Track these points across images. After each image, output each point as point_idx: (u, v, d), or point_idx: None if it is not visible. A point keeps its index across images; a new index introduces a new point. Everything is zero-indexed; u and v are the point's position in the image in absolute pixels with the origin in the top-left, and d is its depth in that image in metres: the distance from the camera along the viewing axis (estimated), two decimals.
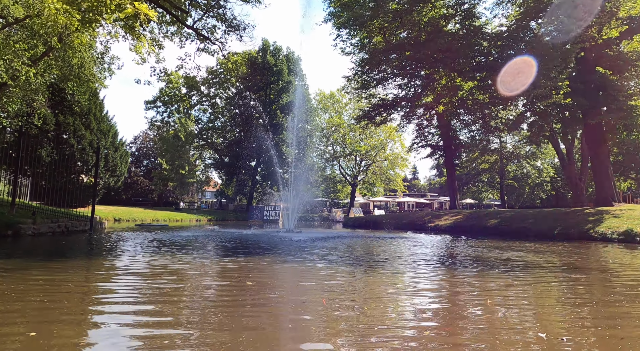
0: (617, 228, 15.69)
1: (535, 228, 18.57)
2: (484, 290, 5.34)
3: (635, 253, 10.72)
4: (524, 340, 3.20)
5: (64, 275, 5.88)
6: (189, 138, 43.36)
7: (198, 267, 6.92)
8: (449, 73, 24.47)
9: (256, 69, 42.46)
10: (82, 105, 25.78)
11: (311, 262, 7.88)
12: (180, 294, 4.74)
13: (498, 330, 3.51)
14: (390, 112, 30.63)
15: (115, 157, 29.62)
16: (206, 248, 10.33)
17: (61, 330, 3.24)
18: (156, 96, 47.31)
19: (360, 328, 3.46)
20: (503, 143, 45.87)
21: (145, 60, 15.51)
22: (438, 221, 24.81)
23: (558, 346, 3.04)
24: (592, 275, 6.86)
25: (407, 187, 66.91)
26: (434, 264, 7.96)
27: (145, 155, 52.68)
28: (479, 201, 58.05)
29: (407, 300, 4.77)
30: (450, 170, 34.15)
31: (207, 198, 61.94)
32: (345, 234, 18.40)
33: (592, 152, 22.45)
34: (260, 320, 3.63)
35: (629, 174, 40.33)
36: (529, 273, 6.84)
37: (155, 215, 30.25)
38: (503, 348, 3.02)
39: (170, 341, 2.97)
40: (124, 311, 3.81)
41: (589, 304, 4.59)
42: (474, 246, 12.31)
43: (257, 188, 45.62)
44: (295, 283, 5.83)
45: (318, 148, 52.17)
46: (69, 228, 14.29)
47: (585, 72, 21.55)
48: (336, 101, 52.71)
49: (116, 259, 7.69)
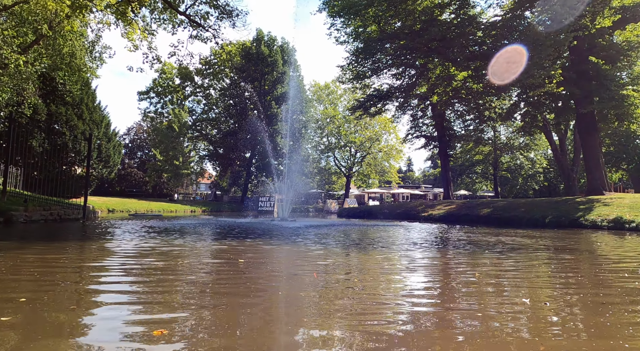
0: (607, 216, 15.91)
1: (527, 217, 18.78)
2: (474, 267, 5.43)
3: (623, 238, 10.91)
4: (510, 305, 3.29)
5: (56, 255, 5.89)
6: (182, 129, 43.14)
7: (193, 249, 6.96)
8: (443, 62, 24.49)
9: (250, 60, 42.18)
10: (74, 95, 25.51)
11: (305, 245, 7.94)
12: (175, 273, 4.78)
13: (485, 296, 3.59)
14: (384, 102, 30.65)
15: (108, 148, 29.41)
16: (201, 233, 10.37)
17: (54, 298, 3.27)
18: (149, 87, 46.92)
19: (351, 296, 3.53)
20: (497, 134, 46.10)
21: (137, 47, 15.34)
22: (432, 210, 25.00)
23: (540, 310, 3.12)
24: (580, 255, 6.99)
25: (401, 178, 67.20)
26: (427, 246, 8.06)
27: (138, 147, 52.37)
28: (472, 192, 58.47)
29: (398, 272, 4.85)
30: (444, 161, 34.31)
31: (201, 190, 61.84)
32: (340, 223, 18.50)
33: (584, 141, 22.64)
34: (254, 299, 3.68)
35: (620, 165, 40.77)
36: (518, 253, 6.96)
37: (149, 206, 30.18)
38: (489, 310, 3.10)
39: (161, 319, 3.02)
40: (119, 290, 3.85)
41: (574, 277, 4.70)
42: (467, 232, 12.45)
43: (252, 179, 45.57)
44: (288, 262, 5.89)
45: (313, 139, 52.13)
46: (62, 216, 14.24)
47: (578, 61, 21.65)
48: (331, 92, 52.59)
49: (110, 242, 7.70)
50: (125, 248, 6.75)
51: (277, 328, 2.64)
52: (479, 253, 6.97)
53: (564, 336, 2.52)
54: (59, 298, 3.27)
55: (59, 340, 2.28)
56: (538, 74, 18.37)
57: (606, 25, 19.17)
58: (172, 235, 9.36)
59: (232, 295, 3.52)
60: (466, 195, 54.98)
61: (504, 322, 2.80)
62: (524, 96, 23.81)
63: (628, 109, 21.24)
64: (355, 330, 2.59)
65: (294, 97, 42.18)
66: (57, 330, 2.45)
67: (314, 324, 2.70)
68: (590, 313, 3.08)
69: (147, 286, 3.85)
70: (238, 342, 2.30)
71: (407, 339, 2.42)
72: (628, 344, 2.36)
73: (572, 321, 2.90)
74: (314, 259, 5.97)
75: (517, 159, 49.10)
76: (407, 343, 2.35)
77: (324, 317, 2.86)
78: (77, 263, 5.30)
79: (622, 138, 37.46)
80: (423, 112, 35.22)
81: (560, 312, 3.10)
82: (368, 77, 28.34)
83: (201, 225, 13.99)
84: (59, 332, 2.42)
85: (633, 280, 4.48)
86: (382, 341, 2.39)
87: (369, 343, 2.33)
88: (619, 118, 22.79)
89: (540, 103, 23.38)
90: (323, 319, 2.82)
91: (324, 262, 5.71)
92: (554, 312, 3.08)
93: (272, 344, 2.32)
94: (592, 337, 2.51)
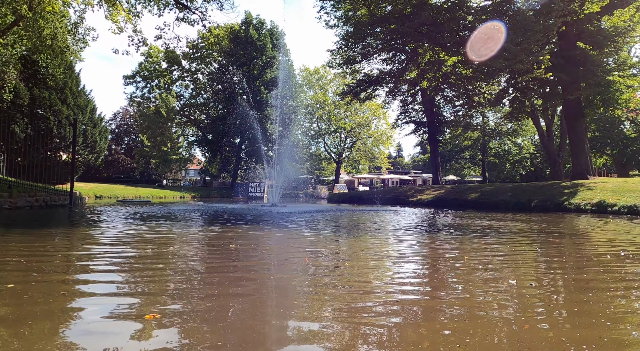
0: (590, 200, 16.28)
1: (514, 201, 19.11)
2: (462, 250, 5.54)
3: (605, 221, 11.20)
4: (497, 286, 3.37)
5: (43, 242, 5.83)
6: (170, 114, 42.45)
7: (184, 234, 6.94)
8: (433, 47, 24.37)
9: (239, 43, 41.43)
10: (57, 78, 24.83)
11: (296, 230, 7.99)
12: (165, 259, 4.78)
13: (473, 278, 3.68)
14: (374, 87, 30.49)
15: (94, 133, 28.86)
16: (191, 219, 10.33)
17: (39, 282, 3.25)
18: (135, 71, 45.88)
19: (340, 278, 3.57)
20: (485, 119, 46.41)
21: (122, 30, 14.95)
22: (421, 196, 25.25)
23: (527, 290, 3.21)
24: (564, 238, 7.17)
25: (391, 163, 67.50)
26: (415, 229, 8.17)
27: (125, 132, 51.49)
28: (461, 177, 59.10)
29: (388, 257, 4.92)
30: (433, 146, 34.51)
31: (190, 176, 61.36)
32: (330, 208, 18.60)
33: (570, 127, 22.95)
34: (245, 283, 3.70)
35: (605, 150, 41.52)
36: (505, 237, 7.11)
37: (138, 192, 29.89)
38: (477, 292, 3.18)
39: (152, 306, 3.03)
40: (108, 279, 3.84)
41: (558, 259, 4.83)
42: (455, 217, 12.64)
43: (242, 165, 45.31)
44: (279, 246, 5.92)
45: (303, 125, 51.86)
46: (48, 203, 14.03)
47: (566, 47, 21.75)
48: (321, 77, 52.13)
49: (98, 229, 7.63)
50: (113, 235, 6.70)
51: (269, 311, 2.67)
52: (466, 237, 7.10)
53: (547, 315, 2.60)
54: (47, 284, 3.25)
55: (50, 325, 2.28)
56: (527, 59, 18.43)
57: (594, 10, 19.23)
58: (161, 222, 9.32)
59: (223, 280, 3.54)
60: (455, 180, 55.57)
61: (491, 303, 2.87)
62: (512, 82, 23.92)
63: (613, 95, 21.54)
64: (344, 310, 2.64)
65: (284, 82, 41.72)
66: (46, 316, 2.44)
67: (303, 307, 2.73)
68: (573, 293, 3.18)
69: (137, 272, 3.85)
70: (227, 324, 2.32)
71: (396, 320, 2.48)
72: (610, 322, 2.45)
73: (556, 300, 2.99)
74: (305, 245, 6.02)
75: (504, 144, 49.62)
76: (397, 325, 2.40)
77: (314, 300, 2.90)
78: (64, 250, 5.26)
79: (606, 123, 38.04)
80: (413, 97, 35.20)
81: (545, 293, 3.19)
82: (358, 61, 28.10)
83: (191, 211, 13.93)
84: (49, 317, 2.41)
85: (615, 261, 4.62)
86: (372, 322, 2.43)
87: (360, 326, 2.38)
88: (605, 104, 23.12)
89: (528, 88, 23.53)
90: (312, 302, 2.86)
91: (314, 248, 5.76)
92: (538, 293, 3.17)
93: (263, 325, 2.35)
94: (574, 315, 2.59)
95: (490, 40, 18.54)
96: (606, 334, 2.23)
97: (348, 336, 2.19)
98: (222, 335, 2.15)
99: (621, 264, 4.42)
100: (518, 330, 2.29)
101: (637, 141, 38.75)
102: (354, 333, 2.23)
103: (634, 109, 33.58)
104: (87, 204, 17.72)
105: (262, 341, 2.10)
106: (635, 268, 4.21)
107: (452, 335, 2.21)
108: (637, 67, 24.00)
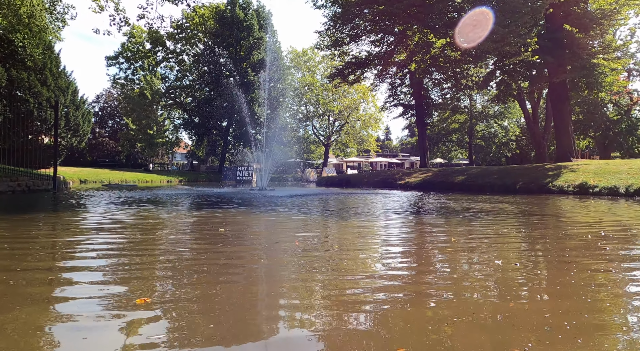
0: (573, 181, 16.64)
1: (500, 183, 19.43)
2: (450, 232, 5.64)
3: (587, 202, 11.50)
4: (482, 267, 3.46)
5: (28, 227, 5.74)
6: (155, 97, 41.59)
7: (172, 218, 6.91)
8: (422, 29, 24.19)
9: (225, 24, 40.44)
10: (36, 59, 23.93)
11: (287, 213, 8.01)
12: (153, 243, 4.76)
13: (460, 259, 3.76)
14: (363, 70, 30.26)
15: (76, 116, 28.16)
16: (180, 203, 10.27)
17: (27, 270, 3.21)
18: (118, 51, 44.56)
19: (329, 262, 3.62)
20: (473, 103, 46.66)
21: (103, 8, 14.44)
22: (408, 178, 25.48)
23: (511, 270, 3.30)
24: (547, 219, 7.36)
25: (379, 146, 67.72)
26: (404, 212, 8.27)
27: (109, 115, 50.38)
28: (448, 160, 59.72)
29: (376, 237, 4.99)
30: (421, 129, 34.67)
31: (177, 160, 60.67)
32: (319, 192, 18.66)
33: (555, 109, 23.24)
34: (234, 269, 3.72)
35: (588, 133, 42.28)
36: (490, 218, 7.25)
37: (124, 177, 29.48)
38: (463, 272, 3.26)
39: (141, 292, 3.02)
40: (95, 265, 3.81)
41: (541, 241, 4.96)
42: (442, 199, 12.82)
43: (230, 148, 44.92)
44: (269, 230, 5.95)
45: (291, 108, 51.43)
46: (31, 188, 13.75)
47: (553, 29, 21.81)
48: (309, 59, 51.46)
49: (84, 213, 7.53)
50: (99, 220, 6.62)
51: (259, 294, 2.69)
52: (453, 219, 7.22)
53: (531, 293, 2.69)
54: (32, 271, 3.22)
55: (37, 310, 2.26)
56: (515, 41, 18.46)
57: None
58: (149, 206, 9.24)
59: (212, 264, 3.55)
60: (442, 163, 56.15)
61: (478, 282, 2.95)
62: (499, 64, 23.98)
63: (598, 78, 21.79)
64: (333, 294, 2.68)
65: (271, 64, 41.08)
66: (34, 301, 2.42)
67: (292, 288, 2.77)
68: (555, 272, 3.28)
69: (125, 258, 3.83)
70: (216, 303, 2.34)
71: (384, 300, 2.53)
72: (590, 299, 2.54)
73: (539, 280, 3.08)
74: (295, 228, 6.05)
75: (491, 127, 50.14)
76: (385, 304, 2.45)
77: (303, 281, 2.94)
78: (50, 237, 5.19)
79: (590, 106, 38.62)
80: (401, 80, 35.11)
81: (529, 271, 3.28)
82: (346, 43, 27.77)
83: (179, 195, 13.83)
84: (37, 302, 2.40)
85: (595, 241, 4.77)
86: (361, 306, 2.48)
87: (348, 308, 2.42)
88: (589, 87, 23.40)
89: (515, 71, 23.64)
90: (301, 283, 2.89)
91: (304, 231, 5.80)
92: (523, 272, 3.26)
93: (255, 304, 2.37)
94: (556, 293, 2.69)
95: (478, 26, 18.48)
96: (585, 307, 2.32)
97: (335, 317, 2.23)
98: (213, 318, 2.17)
99: (601, 244, 4.57)
100: (503, 308, 2.36)
101: (619, 123, 39.53)
102: (342, 314, 2.27)
103: (617, 92, 34.13)
104: (71, 189, 17.42)
105: (254, 322, 2.13)
106: (614, 247, 4.36)
107: (441, 314, 2.27)
108: (621, 50, 24.23)
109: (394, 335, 1.99)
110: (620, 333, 2.03)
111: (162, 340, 1.88)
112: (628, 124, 39.40)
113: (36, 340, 1.89)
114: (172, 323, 2.11)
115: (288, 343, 1.91)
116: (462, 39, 19.66)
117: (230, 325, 2.08)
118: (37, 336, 1.94)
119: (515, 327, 2.07)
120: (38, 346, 1.84)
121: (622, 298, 2.60)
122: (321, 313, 2.28)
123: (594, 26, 20.85)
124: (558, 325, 2.09)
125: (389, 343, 1.89)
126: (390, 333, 2.02)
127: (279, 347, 1.87)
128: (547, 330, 2.03)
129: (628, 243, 4.80)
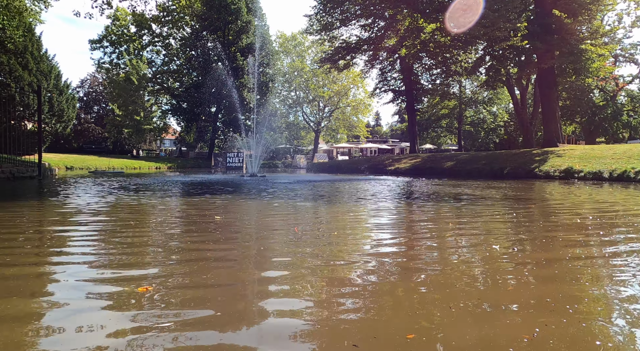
0: (559, 166, 16.95)
1: (488, 169, 19.70)
2: (439, 217, 5.72)
3: (571, 187, 11.74)
4: (475, 251, 3.54)
5: (13, 213, 5.66)
6: (142, 82, 40.72)
7: (165, 204, 6.87)
8: (412, 14, 23.99)
9: (212, 7, 39.44)
10: (16, 41, 23.19)
11: (281, 198, 8.02)
12: (145, 229, 4.74)
13: (450, 243, 3.83)
14: (353, 55, 30.02)
15: (60, 101, 27.50)
16: (171, 189, 10.19)
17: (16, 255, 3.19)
18: (102, 35, 43.32)
19: (322, 246, 3.66)
20: (462, 88, 46.71)
21: None
22: (398, 164, 25.65)
23: (509, 255, 3.37)
24: (535, 203, 7.51)
25: (370, 132, 67.76)
26: (394, 197, 8.35)
27: (95, 101, 49.27)
28: (437, 146, 60.04)
29: (367, 222, 5.05)
30: (411, 115, 34.72)
31: (166, 146, 59.88)
32: (310, 178, 18.69)
33: (543, 95, 23.45)
34: (227, 253, 3.74)
35: (574, 118, 42.83)
36: (480, 202, 7.37)
37: (111, 163, 29.06)
38: (454, 257, 3.33)
39: (130, 276, 3.02)
40: (86, 251, 3.79)
41: (529, 225, 5.07)
42: (431, 184, 12.95)
43: (219, 134, 44.45)
44: (262, 215, 5.96)
45: (280, 93, 50.90)
46: (15, 174, 13.50)
47: (542, 14, 21.82)
48: (298, 44, 50.77)
49: (70, 200, 7.43)
50: (87, 206, 6.55)
51: (252, 278, 2.73)
52: (443, 204, 7.32)
53: (521, 276, 2.77)
54: (21, 258, 3.19)
55: (26, 298, 2.26)
56: (504, 26, 18.47)
57: None
58: (137, 193, 9.16)
59: (204, 251, 3.56)
60: (431, 149, 56.45)
61: (469, 266, 3.02)
62: (489, 50, 24.01)
63: (585, 63, 21.99)
64: (325, 277, 2.72)
65: (260, 49, 40.41)
66: (22, 289, 2.42)
67: (284, 270, 2.80)
68: (543, 255, 3.38)
69: (116, 246, 3.82)
70: (209, 288, 2.37)
71: (375, 283, 2.58)
72: (574, 281, 2.64)
73: (529, 263, 3.17)
74: (287, 214, 6.08)
75: (480, 113, 50.39)
76: (375, 286, 2.50)
77: (294, 263, 2.98)
78: (37, 224, 5.13)
79: (577, 92, 39.03)
80: (391, 65, 34.95)
81: (520, 256, 3.37)
82: (336, 28, 27.46)
83: (167, 182, 13.72)
84: (25, 291, 2.39)
85: (580, 225, 4.90)
86: (350, 284, 2.53)
87: (341, 290, 2.47)
88: (576, 72, 23.63)
89: (504, 57, 23.71)
90: (293, 266, 2.93)
91: (296, 217, 5.83)
92: (516, 255, 3.35)
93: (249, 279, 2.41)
94: (544, 276, 2.77)
95: (469, 11, 18.41)
96: (569, 289, 2.41)
97: (327, 299, 2.27)
98: (207, 292, 2.20)
99: (586, 227, 4.69)
100: (497, 289, 2.43)
101: (604, 109, 40.10)
102: (334, 296, 2.32)
103: (603, 78, 34.51)
104: (57, 175, 17.14)
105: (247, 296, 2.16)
106: (598, 230, 4.48)
107: (436, 297, 2.33)
108: (608, 36, 24.42)
109: (402, 322, 2.04)
110: (603, 305, 2.11)
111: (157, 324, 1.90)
112: (613, 110, 40.00)
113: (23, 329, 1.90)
114: (168, 307, 2.13)
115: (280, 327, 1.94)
116: (452, 24, 19.59)
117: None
118: (23, 325, 1.94)
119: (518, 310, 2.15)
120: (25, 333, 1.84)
121: (603, 279, 2.70)
122: (311, 297, 2.33)
123: (583, 11, 20.93)
124: (541, 301, 2.16)
125: (399, 330, 1.94)
126: (399, 317, 2.07)
127: (274, 326, 1.90)
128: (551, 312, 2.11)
129: (609, 227, 4.94)
